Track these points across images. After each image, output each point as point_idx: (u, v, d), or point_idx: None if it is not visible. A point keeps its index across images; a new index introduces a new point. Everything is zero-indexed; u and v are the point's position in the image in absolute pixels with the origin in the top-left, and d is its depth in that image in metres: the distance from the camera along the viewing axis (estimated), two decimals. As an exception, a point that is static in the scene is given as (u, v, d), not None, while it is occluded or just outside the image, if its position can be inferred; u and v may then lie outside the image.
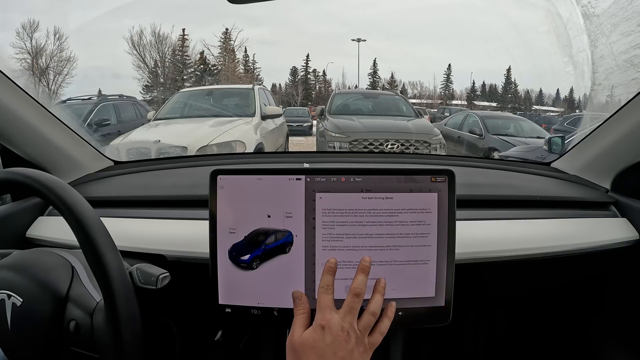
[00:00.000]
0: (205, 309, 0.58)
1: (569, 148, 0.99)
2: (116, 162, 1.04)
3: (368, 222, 0.55)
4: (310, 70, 20.66)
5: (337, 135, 4.19)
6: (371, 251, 0.55)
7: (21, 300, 0.48)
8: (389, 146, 3.98)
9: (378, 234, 0.55)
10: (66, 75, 12.24)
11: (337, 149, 4.05)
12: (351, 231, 0.55)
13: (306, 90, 20.35)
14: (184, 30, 16.19)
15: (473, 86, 20.57)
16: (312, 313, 0.51)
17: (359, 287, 0.49)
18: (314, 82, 20.73)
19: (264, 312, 0.57)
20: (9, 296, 0.48)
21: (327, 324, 0.46)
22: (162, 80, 15.43)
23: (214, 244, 0.56)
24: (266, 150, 3.69)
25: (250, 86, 4.64)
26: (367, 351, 0.48)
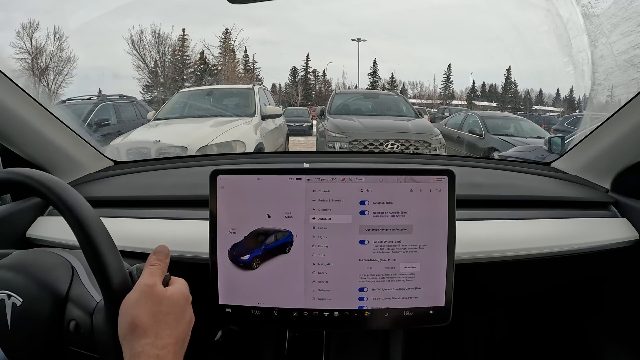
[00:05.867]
0: (205, 309, 0.58)
1: (569, 148, 0.99)
2: (116, 162, 1.04)
3: (368, 222, 0.55)
4: (310, 70, 20.66)
5: (337, 135, 4.19)
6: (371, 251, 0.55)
7: (21, 300, 0.48)
8: (389, 146, 3.98)
9: (378, 233, 0.55)
10: (66, 75, 12.26)
11: (337, 149, 4.04)
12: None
13: (306, 90, 20.34)
14: (184, 30, 16.20)
15: (473, 86, 20.57)
16: None
17: None
18: (314, 82, 20.72)
19: (264, 312, 0.57)
20: (9, 296, 0.48)
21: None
22: (162, 80, 15.43)
23: (214, 244, 0.56)
24: (266, 150, 3.69)
25: (250, 86, 4.64)
26: None
